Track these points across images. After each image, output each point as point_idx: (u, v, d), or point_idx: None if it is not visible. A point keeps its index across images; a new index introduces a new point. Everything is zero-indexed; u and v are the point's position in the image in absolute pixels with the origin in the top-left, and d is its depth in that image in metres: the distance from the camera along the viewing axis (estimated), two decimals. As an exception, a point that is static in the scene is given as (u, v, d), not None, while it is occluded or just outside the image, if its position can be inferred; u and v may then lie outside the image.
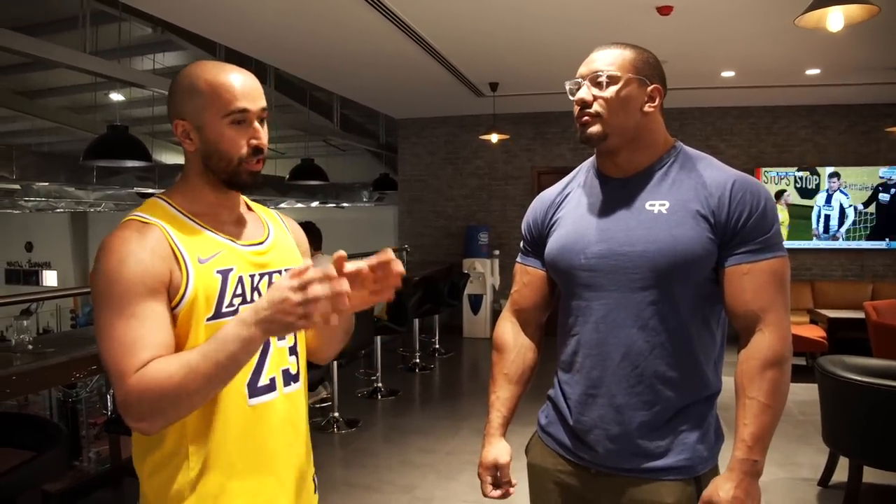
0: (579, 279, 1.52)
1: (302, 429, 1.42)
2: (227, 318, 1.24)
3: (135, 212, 1.28)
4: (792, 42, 5.51)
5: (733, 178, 1.45)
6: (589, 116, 1.48)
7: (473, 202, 9.40)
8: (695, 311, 1.45)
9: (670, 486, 1.44)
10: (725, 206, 1.41)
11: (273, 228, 1.44)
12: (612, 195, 1.53)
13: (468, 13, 4.93)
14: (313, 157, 9.35)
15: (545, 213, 1.66)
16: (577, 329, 1.53)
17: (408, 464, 4.36)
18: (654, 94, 1.49)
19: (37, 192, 10.48)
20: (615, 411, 1.46)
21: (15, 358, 3.21)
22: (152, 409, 1.13)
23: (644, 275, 1.44)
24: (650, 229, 1.44)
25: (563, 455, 1.57)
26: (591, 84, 1.48)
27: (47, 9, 6.57)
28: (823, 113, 8.30)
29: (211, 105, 1.26)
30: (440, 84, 7.27)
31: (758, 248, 1.40)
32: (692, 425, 1.46)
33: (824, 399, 3.72)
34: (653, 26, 5.03)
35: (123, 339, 1.15)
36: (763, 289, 1.39)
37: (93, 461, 4.59)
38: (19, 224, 17.38)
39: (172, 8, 4.90)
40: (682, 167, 1.50)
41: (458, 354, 7.90)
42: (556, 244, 1.58)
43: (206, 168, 1.31)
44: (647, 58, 1.50)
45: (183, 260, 1.23)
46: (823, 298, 7.97)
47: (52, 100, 10.06)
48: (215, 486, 1.25)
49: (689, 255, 1.41)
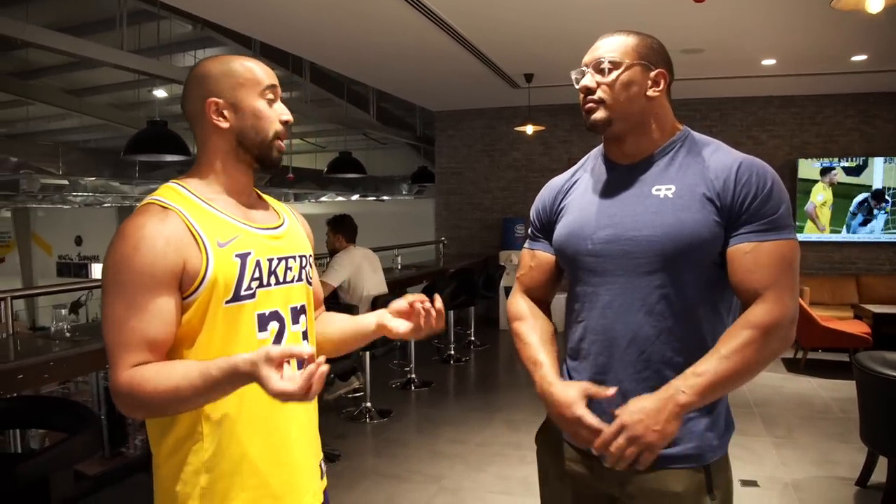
0: (586, 265, 1.51)
1: (312, 414, 1.45)
2: (245, 302, 1.28)
3: (152, 196, 1.30)
4: (835, 27, 5.36)
5: (739, 160, 1.43)
6: (593, 103, 1.49)
7: (510, 194, 9.37)
8: (703, 296, 1.43)
9: (679, 473, 1.42)
10: (731, 188, 1.40)
11: (285, 216, 1.48)
12: (619, 181, 1.52)
13: (500, 4, 4.91)
14: (352, 151, 9.42)
15: (553, 200, 1.66)
16: (584, 315, 1.52)
17: (437, 454, 4.38)
18: (659, 79, 1.49)
19: (84, 187, 10.77)
20: (622, 397, 1.42)
21: (53, 345, 3.32)
22: (135, 406, 1.20)
23: (651, 259, 1.43)
24: (657, 213, 1.43)
25: (572, 443, 1.55)
26: (594, 71, 1.49)
27: (90, 9, 6.74)
28: (872, 101, 8.05)
29: (248, 82, 1.34)
30: (475, 76, 7.26)
31: (763, 228, 1.38)
32: (701, 413, 1.43)
33: (863, 396, 3.62)
34: (688, 14, 4.94)
35: (123, 329, 1.20)
36: (767, 267, 1.37)
37: (138, 448, 4.71)
38: (69, 219, 17.88)
39: (210, 5, 4.98)
40: (688, 152, 1.49)
41: (494, 346, 7.88)
42: (564, 230, 1.58)
43: (238, 145, 1.35)
44: (650, 43, 1.50)
45: (203, 244, 1.25)
46: (869, 293, 7.76)
47: (98, 97, 10.32)
48: (230, 466, 1.28)
49: (696, 238, 1.40)
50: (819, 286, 7.86)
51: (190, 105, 1.36)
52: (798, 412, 5.18)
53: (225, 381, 1.14)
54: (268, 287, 1.33)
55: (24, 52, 7.77)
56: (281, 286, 1.37)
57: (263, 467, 1.32)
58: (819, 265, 8.26)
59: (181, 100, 1.40)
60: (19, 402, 2.88)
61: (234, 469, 1.29)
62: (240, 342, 1.27)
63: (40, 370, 3.04)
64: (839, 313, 7.16)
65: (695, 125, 1.50)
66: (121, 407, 1.21)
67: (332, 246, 5.18)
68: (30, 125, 11.32)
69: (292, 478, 1.37)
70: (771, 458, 4.21)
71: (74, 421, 2.56)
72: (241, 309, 1.29)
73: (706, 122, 8.33)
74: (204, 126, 1.35)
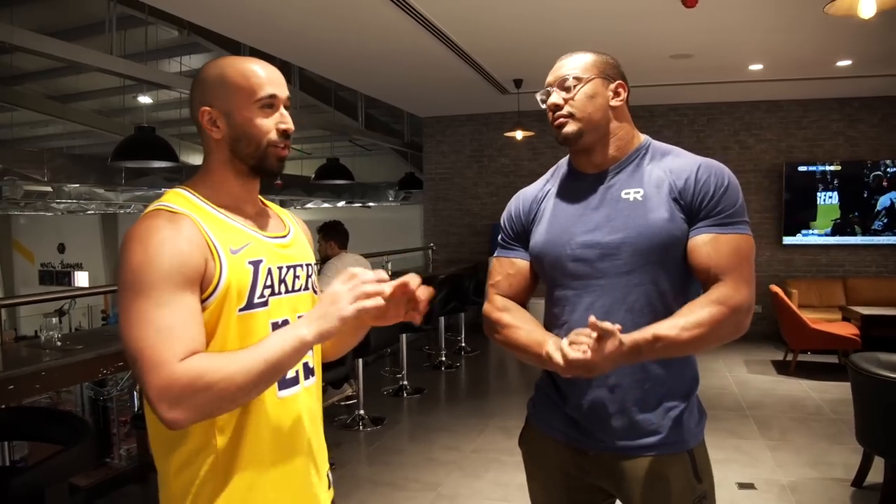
0: (566, 270, 1.59)
1: (319, 424, 1.44)
2: (258, 310, 1.25)
3: (160, 202, 1.26)
4: (822, 32, 5.41)
5: (699, 162, 1.55)
6: (563, 118, 1.58)
7: (499, 200, 9.35)
8: (678, 291, 1.53)
9: (667, 459, 1.52)
10: (691, 187, 1.51)
11: (291, 224, 1.46)
12: (590, 188, 1.62)
13: (492, 9, 4.91)
14: (339, 157, 9.39)
15: (528, 209, 1.73)
16: (566, 318, 1.59)
17: (433, 461, 4.35)
18: (619, 90, 1.61)
19: (68, 194, 10.65)
20: (609, 392, 1.54)
21: (44, 354, 3.26)
22: (196, 399, 1.10)
23: (627, 259, 1.52)
24: (629, 216, 1.53)
25: (559, 440, 1.63)
26: (559, 89, 1.59)
27: (76, 14, 6.68)
28: (856, 106, 8.13)
29: (241, 91, 1.28)
30: (464, 81, 7.26)
31: (720, 222, 1.48)
32: (680, 401, 1.55)
33: (858, 397, 3.64)
34: (678, 18, 4.97)
35: (160, 327, 1.11)
36: (725, 256, 1.46)
37: (123, 458, 4.65)
38: (52, 226, 17.66)
39: (198, 10, 4.94)
40: (651, 158, 1.60)
41: (484, 353, 7.86)
42: (541, 238, 1.65)
43: (232, 155, 1.31)
44: (606, 59, 1.62)
45: (216, 250, 1.22)
46: (856, 295, 7.82)
47: (83, 103, 10.24)
48: (247, 479, 1.25)
49: (667, 236, 1.50)
50: (807, 289, 7.92)
51: (191, 112, 1.33)
52: (791, 414, 5.20)
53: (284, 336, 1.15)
54: (279, 295, 1.31)
55: (7, 57, 7.68)
56: (290, 295, 1.34)
57: (277, 479, 1.29)
58: (806, 268, 8.32)
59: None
60: (10, 413, 2.82)
61: (250, 483, 1.25)
62: None
63: (32, 380, 2.98)
64: (827, 315, 7.22)
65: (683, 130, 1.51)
66: (175, 408, 1.09)
67: (324, 253, 5.14)
68: (14, 131, 11.21)
69: (304, 488, 1.35)
70: (766, 461, 4.21)
71: (68, 432, 2.51)
72: (255, 317, 1.26)
73: (694, 127, 8.39)
74: (203, 134, 1.33)
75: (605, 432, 1.55)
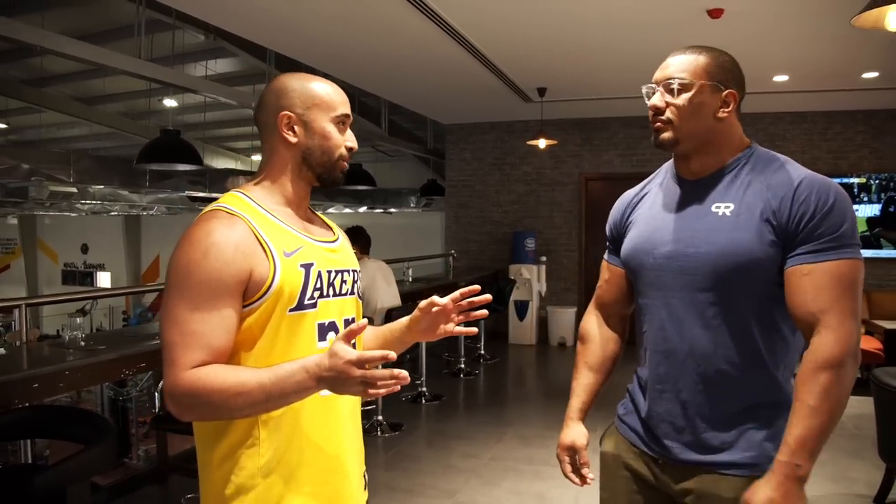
0: (647, 278, 1.57)
1: (359, 424, 1.50)
2: (307, 311, 1.33)
3: (218, 203, 1.34)
4: (848, 44, 5.36)
5: (801, 177, 1.43)
6: (661, 123, 1.51)
7: (520, 208, 9.35)
8: (760, 313, 1.45)
9: (732, 480, 1.44)
10: (787, 206, 1.40)
11: (339, 232, 1.54)
12: (684, 196, 1.56)
13: (516, 17, 4.91)
14: (361, 163, 9.43)
15: (622, 214, 1.72)
16: (646, 327, 1.59)
17: (450, 468, 4.34)
18: (729, 100, 1.49)
19: (92, 195, 10.78)
20: (681, 405, 1.51)
21: (68, 354, 3.30)
22: (193, 407, 1.21)
23: (704, 276, 1.46)
24: (713, 231, 1.46)
25: (635, 444, 1.63)
26: (664, 90, 1.50)
27: (104, 18, 6.77)
28: (882, 118, 8.03)
29: (323, 105, 1.39)
30: (488, 89, 7.27)
31: (821, 248, 1.37)
32: (760, 424, 1.46)
33: (880, 412, 3.59)
34: (703, 29, 4.94)
35: (186, 330, 1.21)
36: (824, 290, 1.35)
37: (142, 458, 4.69)
38: (76, 226, 17.88)
39: (224, 15, 4.99)
40: (752, 169, 1.50)
41: (504, 360, 7.86)
42: (630, 244, 1.63)
43: (303, 161, 1.40)
44: (722, 62, 1.49)
45: (270, 252, 1.28)
46: (880, 309, 7.70)
47: (109, 105, 10.37)
48: (286, 472, 1.31)
49: (748, 258, 1.41)
50: (830, 303, 7.81)
51: (264, 115, 1.40)
52: (812, 430, 5.13)
53: (292, 381, 1.16)
54: (327, 298, 1.38)
55: (37, 59, 7.81)
56: (337, 298, 1.42)
57: (317, 474, 1.35)
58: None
59: (255, 109, 1.44)
60: (34, 411, 2.86)
61: (290, 475, 1.31)
62: (300, 350, 1.30)
63: (56, 379, 3.02)
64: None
65: None
66: (176, 407, 1.21)
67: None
68: (41, 132, 11.38)
69: (343, 486, 1.41)
70: (787, 477, 4.16)
71: (91, 431, 2.54)
72: (303, 317, 1.32)
73: (717, 138, 8.29)
74: (274, 137, 1.40)
75: (673, 444, 1.53)
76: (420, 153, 11.15)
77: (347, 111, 1.42)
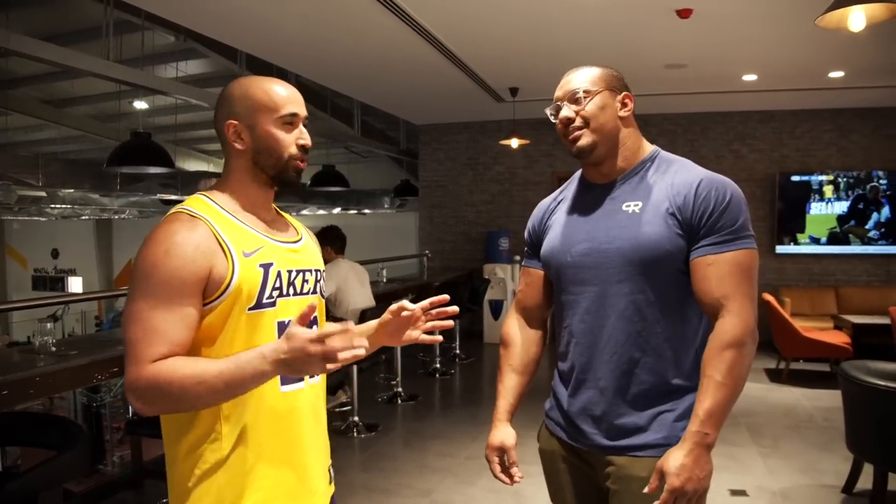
0: (567, 275, 1.68)
1: (322, 420, 1.53)
2: (266, 309, 1.36)
3: (181, 205, 1.37)
4: (814, 44, 5.46)
5: (700, 177, 1.58)
6: (577, 129, 1.64)
7: (494, 208, 9.40)
8: (670, 302, 1.58)
9: (645, 461, 1.56)
10: (690, 203, 1.55)
11: (302, 232, 1.57)
12: (596, 199, 1.69)
13: (488, 18, 4.94)
14: (334, 164, 9.40)
15: (541, 219, 1.84)
16: (568, 321, 1.70)
17: (426, 468, 4.36)
18: (626, 101, 1.67)
19: (62, 199, 10.63)
20: (600, 393, 1.62)
21: (38, 359, 3.25)
22: (155, 399, 1.23)
23: (620, 269, 1.59)
24: (625, 227, 1.60)
25: (561, 437, 1.73)
26: (569, 103, 1.65)
27: (72, 19, 6.68)
28: (848, 116, 8.20)
29: (265, 107, 1.40)
30: (460, 89, 7.29)
31: (722, 240, 1.52)
32: (670, 407, 1.58)
33: (848, 405, 3.67)
34: (672, 29, 5.01)
35: (147, 327, 1.24)
36: (726, 278, 1.50)
37: (116, 465, 4.64)
38: (46, 231, 17.58)
39: (194, 16, 4.96)
40: (657, 170, 1.65)
41: (479, 360, 7.88)
42: (549, 245, 1.75)
43: (254, 166, 1.42)
44: (612, 72, 1.68)
45: (230, 253, 1.32)
46: (848, 304, 7.86)
47: (78, 108, 10.22)
48: (245, 464, 1.34)
49: (658, 249, 1.55)
50: (799, 297, 7.96)
51: (217, 124, 1.44)
52: (783, 422, 5.23)
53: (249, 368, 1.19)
54: (287, 297, 1.40)
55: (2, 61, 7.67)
56: (298, 297, 1.44)
57: (277, 468, 1.38)
58: (798, 277, 8.37)
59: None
60: (4, 418, 2.81)
61: (250, 469, 1.34)
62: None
63: (26, 386, 2.97)
64: (819, 324, 7.25)
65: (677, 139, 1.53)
66: (138, 401, 1.23)
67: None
68: (8, 135, 11.18)
69: (304, 480, 1.44)
70: (758, 468, 4.24)
71: (63, 437, 2.51)
72: (262, 316, 1.35)
73: (688, 137, 8.43)
74: (226, 145, 1.43)
75: (592, 431, 1.63)
76: (393, 154, 11.14)
77: (295, 110, 1.42)
